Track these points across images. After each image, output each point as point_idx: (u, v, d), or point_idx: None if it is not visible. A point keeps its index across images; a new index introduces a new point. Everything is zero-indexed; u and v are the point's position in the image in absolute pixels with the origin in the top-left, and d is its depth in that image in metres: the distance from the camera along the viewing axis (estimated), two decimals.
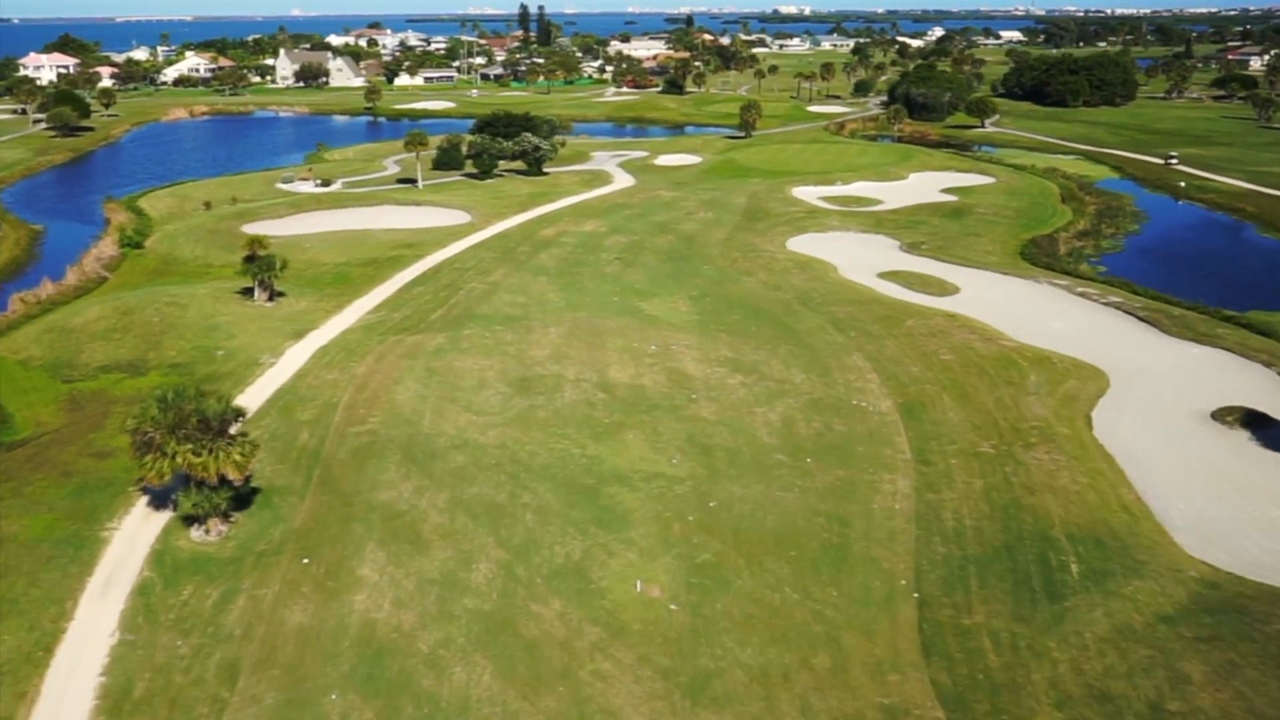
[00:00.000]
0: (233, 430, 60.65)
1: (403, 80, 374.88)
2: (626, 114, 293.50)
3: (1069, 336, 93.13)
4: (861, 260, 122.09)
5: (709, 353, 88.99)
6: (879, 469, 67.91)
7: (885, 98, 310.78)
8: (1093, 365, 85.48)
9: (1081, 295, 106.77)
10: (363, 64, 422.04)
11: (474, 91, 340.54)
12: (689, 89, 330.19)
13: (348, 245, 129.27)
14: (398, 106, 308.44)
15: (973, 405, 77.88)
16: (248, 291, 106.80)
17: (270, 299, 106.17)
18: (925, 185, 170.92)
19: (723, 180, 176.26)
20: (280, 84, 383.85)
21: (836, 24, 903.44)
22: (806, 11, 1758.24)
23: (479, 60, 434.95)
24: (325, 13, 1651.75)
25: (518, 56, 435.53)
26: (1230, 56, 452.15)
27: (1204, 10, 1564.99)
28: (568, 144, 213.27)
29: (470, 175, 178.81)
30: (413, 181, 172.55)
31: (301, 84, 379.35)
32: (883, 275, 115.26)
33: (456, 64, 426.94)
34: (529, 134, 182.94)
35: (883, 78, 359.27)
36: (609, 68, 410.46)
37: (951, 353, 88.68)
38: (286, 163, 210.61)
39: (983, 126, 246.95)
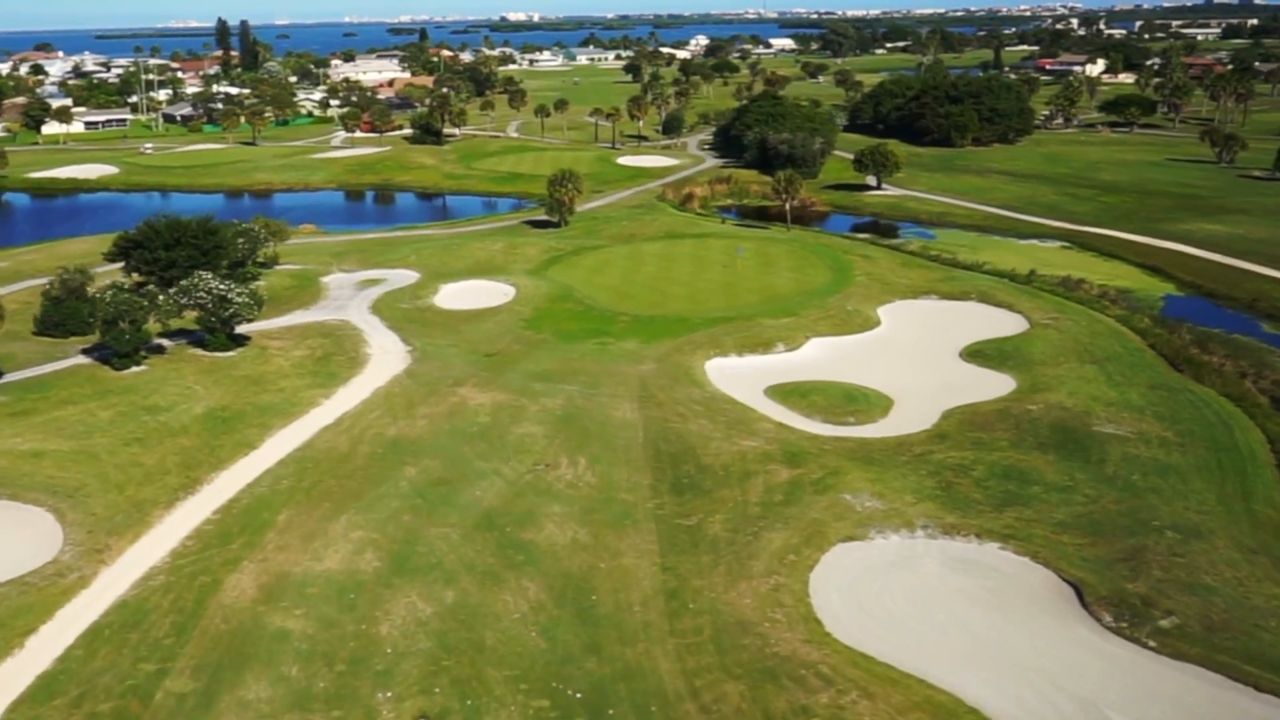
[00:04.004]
0: None
1: (53, 128, 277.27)
2: (367, 178, 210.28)
3: None
4: None
5: None
6: None
7: (709, 135, 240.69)
8: None
9: None
10: (5, 104, 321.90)
11: (147, 146, 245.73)
12: (447, 131, 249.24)
13: None
14: (34, 175, 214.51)
15: None
16: None
17: None
18: (925, 341, 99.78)
19: (568, 345, 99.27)
20: None
21: (591, 34, 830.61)
22: (536, 18, 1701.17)
23: (163, 95, 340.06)
24: (5, 29, 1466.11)
25: (214, 89, 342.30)
26: (1046, 65, 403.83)
27: (930, 11, 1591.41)
28: (282, 253, 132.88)
29: (102, 354, 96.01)
30: None
31: None
32: None
33: (134, 100, 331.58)
34: (207, 273, 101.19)
35: (672, 97, 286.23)
36: (334, 101, 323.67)
37: None
38: None
39: (878, 187, 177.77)
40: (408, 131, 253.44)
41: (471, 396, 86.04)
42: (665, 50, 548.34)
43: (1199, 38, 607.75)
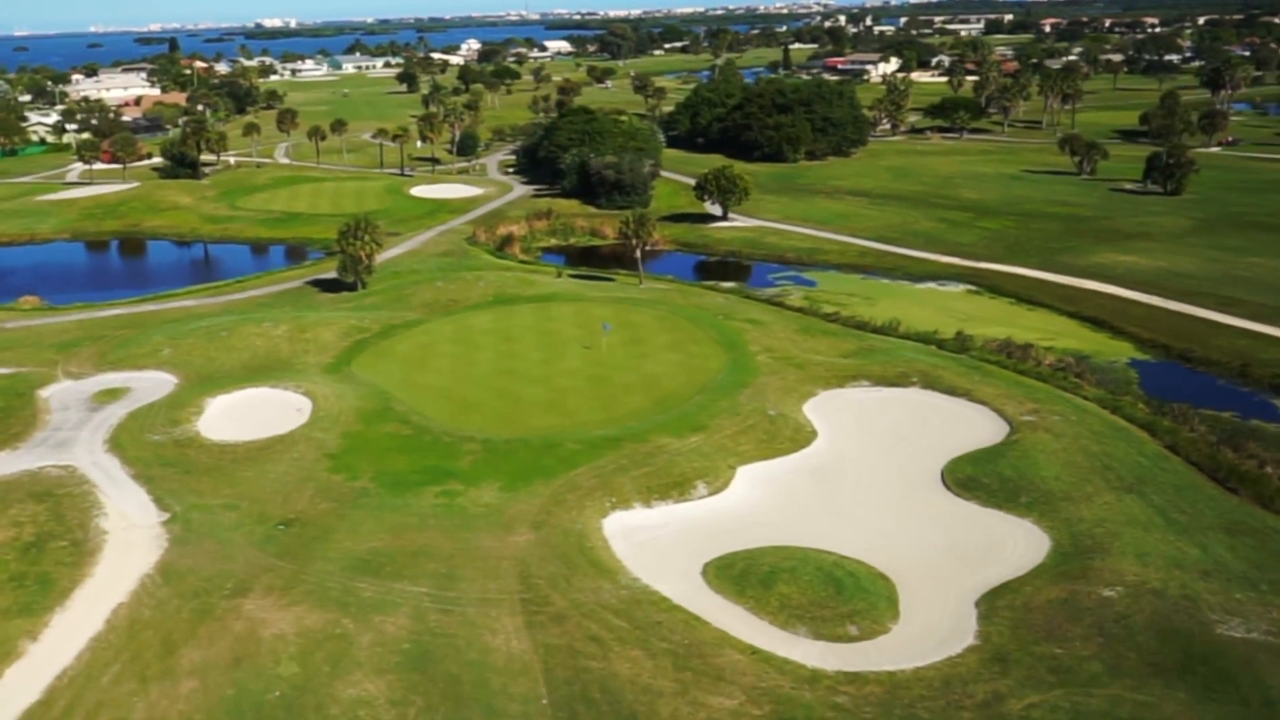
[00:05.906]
0: None
1: None
2: (109, 224, 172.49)
3: None
4: None
5: None
6: None
7: (509, 155, 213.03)
8: None
9: None
10: None
11: None
12: (205, 161, 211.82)
13: None
14: None
15: None
16: None
17: None
18: (886, 460, 74.93)
19: (399, 500, 69.49)
20: None
21: (356, 40, 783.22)
22: (293, 24, 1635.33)
23: None
24: None
25: None
26: (838, 64, 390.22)
27: (690, 10, 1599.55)
28: None
29: None
30: None
31: None
32: None
33: None
34: None
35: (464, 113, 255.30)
36: (71, 125, 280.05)
37: None
38: None
39: (724, 217, 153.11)
40: (158, 161, 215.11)
41: (265, 619, 55.98)
42: (437, 56, 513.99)
43: (963, 33, 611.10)
